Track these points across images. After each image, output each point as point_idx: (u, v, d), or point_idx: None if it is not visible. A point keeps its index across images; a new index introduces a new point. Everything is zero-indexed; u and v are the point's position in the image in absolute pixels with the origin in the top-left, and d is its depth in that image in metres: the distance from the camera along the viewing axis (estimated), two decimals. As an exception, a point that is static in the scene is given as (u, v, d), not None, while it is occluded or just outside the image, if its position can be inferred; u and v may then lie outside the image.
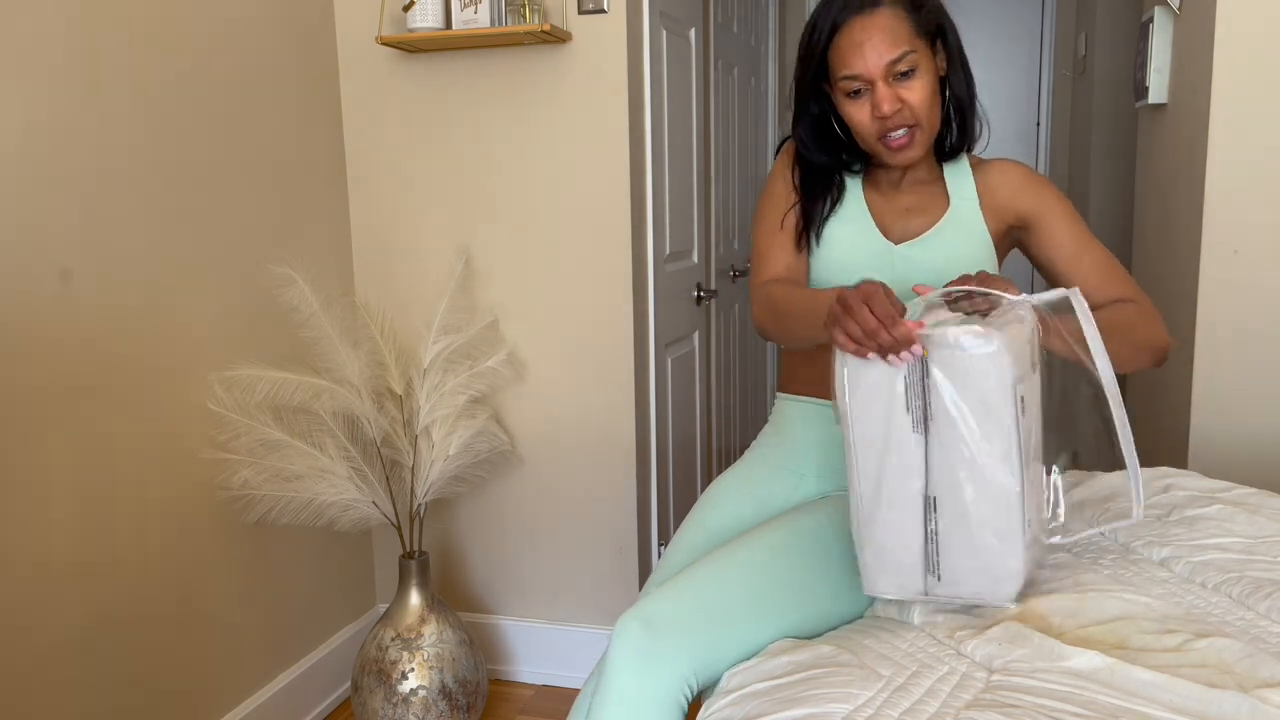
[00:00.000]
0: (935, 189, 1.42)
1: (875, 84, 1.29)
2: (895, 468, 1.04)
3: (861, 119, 1.32)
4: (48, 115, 1.56)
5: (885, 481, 1.05)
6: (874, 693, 0.99)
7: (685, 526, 1.45)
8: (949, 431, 1.00)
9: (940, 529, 1.03)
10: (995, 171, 1.42)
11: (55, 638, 1.59)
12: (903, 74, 1.28)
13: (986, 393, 0.98)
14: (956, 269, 1.31)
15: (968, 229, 1.38)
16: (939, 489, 1.02)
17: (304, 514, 1.96)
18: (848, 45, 1.29)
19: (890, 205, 1.43)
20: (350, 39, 2.28)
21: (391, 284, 2.36)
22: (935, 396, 1.00)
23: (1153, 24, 2.10)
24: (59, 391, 1.59)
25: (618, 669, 1.15)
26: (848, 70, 1.30)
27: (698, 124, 2.67)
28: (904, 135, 1.31)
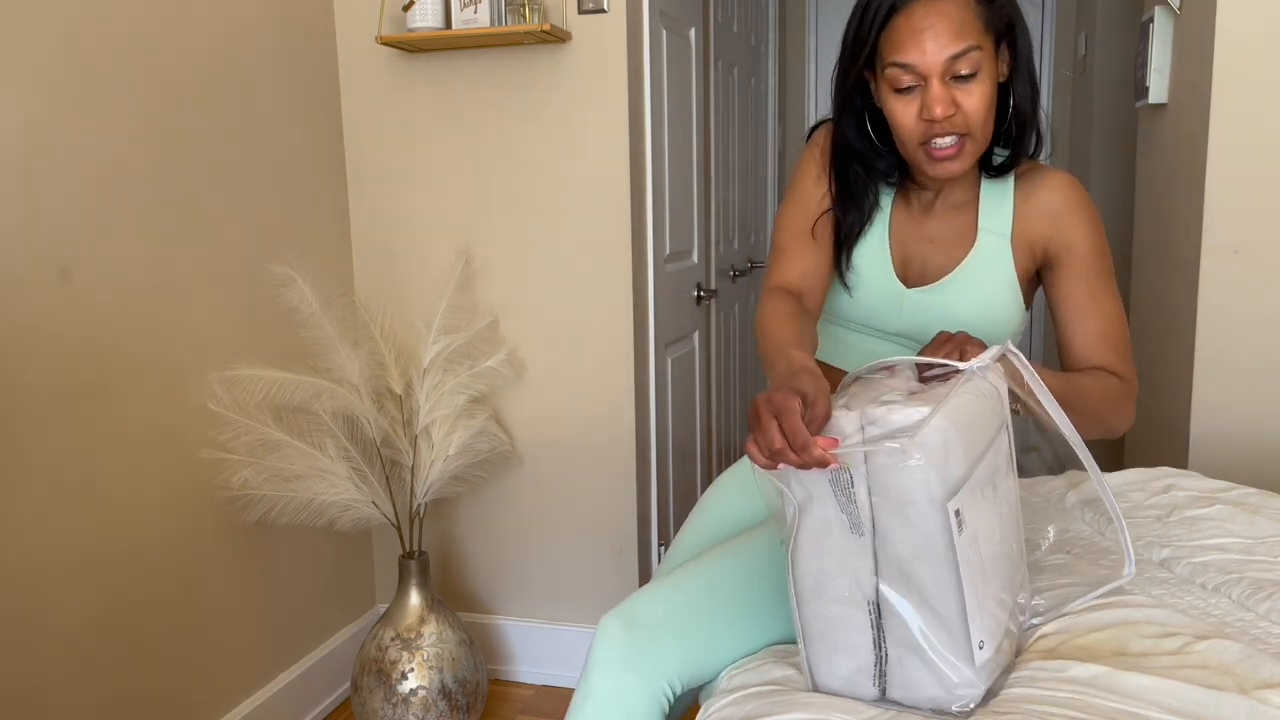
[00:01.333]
0: (967, 217, 1.28)
1: (929, 80, 1.13)
2: (835, 567, 0.93)
3: (906, 119, 1.17)
4: (48, 115, 1.56)
5: (827, 575, 0.93)
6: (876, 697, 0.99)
7: (684, 531, 1.44)
8: (883, 544, 0.90)
9: (887, 636, 0.92)
10: (1040, 192, 1.25)
11: (55, 637, 1.59)
12: (963, 75, 1.13)
13: (911, 514, 0.87)
14: (976, 317, 1.24)
15: (991, 273, 1.25)
16: (883, 596, 0.91)
17: (304, 514, 1.96)
18: (905, 30, 1.13)
19: (916, 233, 1.30)
20: (350, 39, 2.28)
21: (391, 284, 2.36)
22: (862, 507, 0.90)
23: (1153, 24, 2.10)
24: (59, 391, 1.58)
25: (597, 666, 1.14)
26: (900, 57, 1.13)
27: (698, 124, 2.67)
28: (952, 145, 1.16)
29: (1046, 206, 1.24)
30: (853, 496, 0.90)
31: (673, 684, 1.14)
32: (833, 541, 0.92)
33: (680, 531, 1.46)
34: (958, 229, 1.28)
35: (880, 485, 0.88)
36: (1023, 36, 1.19)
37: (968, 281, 1.25)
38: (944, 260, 1.28)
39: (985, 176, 1.28)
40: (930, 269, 1.28)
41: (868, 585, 0.92)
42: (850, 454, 0.89)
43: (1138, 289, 2.45)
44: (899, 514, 0.88)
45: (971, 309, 1.25)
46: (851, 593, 0.92)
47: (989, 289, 1.25)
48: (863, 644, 0.93)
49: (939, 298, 1.26)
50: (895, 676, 0.92)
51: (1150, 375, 2.27)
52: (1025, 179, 1.27)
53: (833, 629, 0.94)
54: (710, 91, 2.88)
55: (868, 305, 1.30)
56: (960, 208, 1.28)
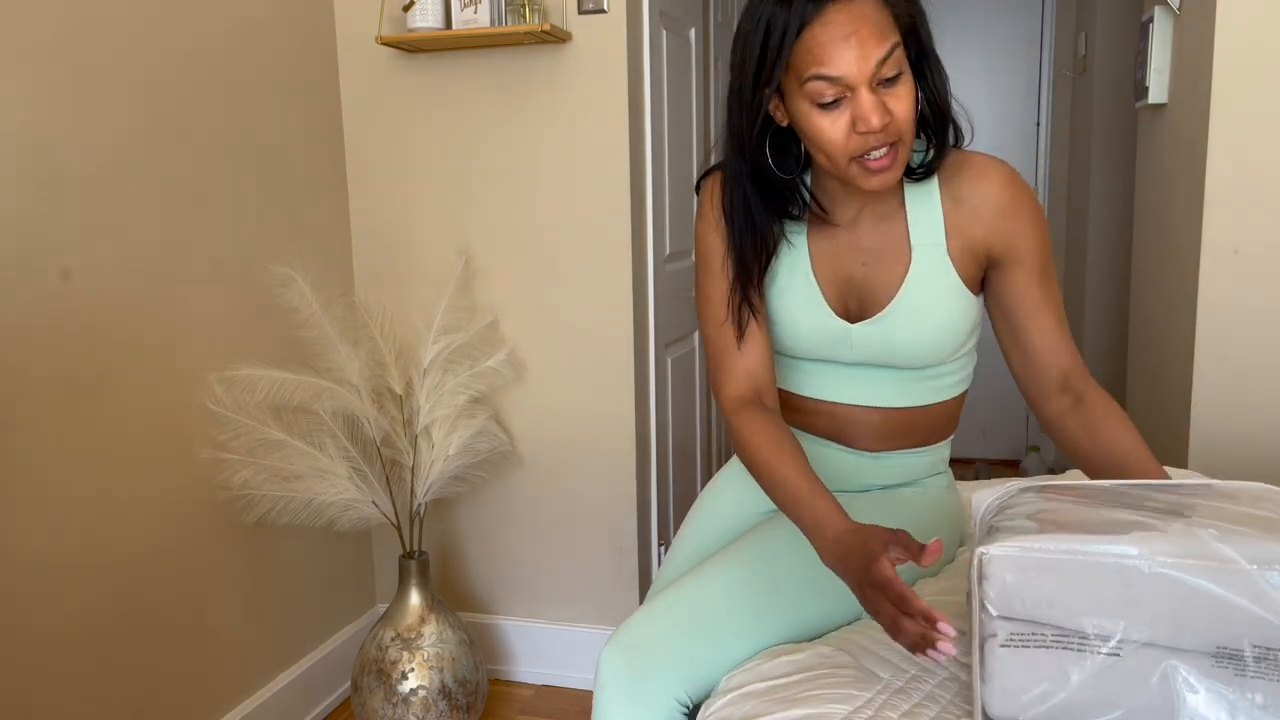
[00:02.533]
0: (897, 228, 1.19)
1: (858, 90, 1.03)
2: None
3: (835, 134, 1.06)
4: (48, 115, 1.56)
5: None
6: (872, 694, 0.99)
7: (677, 541, 1.44)
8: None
9: None
10: (973, 193, 1.16)
11: (54, 637, 1.59)
12: (889, 78, 1.04)
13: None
14: (927, 340, 1.18)
15: (934, 288, 1.17)
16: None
17: (304, 514, 1.96)
18: (826, 40, 1.02)
19: (846, 257, 1.21)
20: (350, 39, 2.28)
21: (391, 284, 2.36)
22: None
23: (1153, 24, 2.10)
24: (59, 390, 1.59)
25: (607, 700, 1.14)
26: (824, 69, 1.03)
27: (698, 124, 2.67)
28: (886, 154, 1.07)
29: (984, 208, 1.16)
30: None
31: (681, 698, 1.14)
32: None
33: (674, 541, 1.45)
34: (890, 244, 1.19)
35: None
36: (925, 28, 1.10)
37: (912, 304, 1.18)
38: (883, 281, 1.19)
39: (907, 180, 1.18)
40: (869, 296, 1.20)
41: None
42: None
43: (1137, 289, 2.45)
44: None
45: (923, 329, 1.18)
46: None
47: (936, 305, 1.18)
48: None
49: (885, 328, 1.19)
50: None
51: (1150, 375, 2.27)
52: (950, 177, 1.18)
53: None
54: (710, 91, 2.88)
55: (816, 343, 1.23)
56: (888, 218, 1.20)
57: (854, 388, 1.26)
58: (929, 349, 1.20)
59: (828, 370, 1.27)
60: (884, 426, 1.27)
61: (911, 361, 1.22)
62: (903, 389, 1.25)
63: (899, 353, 1.20)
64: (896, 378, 1.25)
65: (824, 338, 1.22)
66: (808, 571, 1.21)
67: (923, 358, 1.21)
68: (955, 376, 1.28)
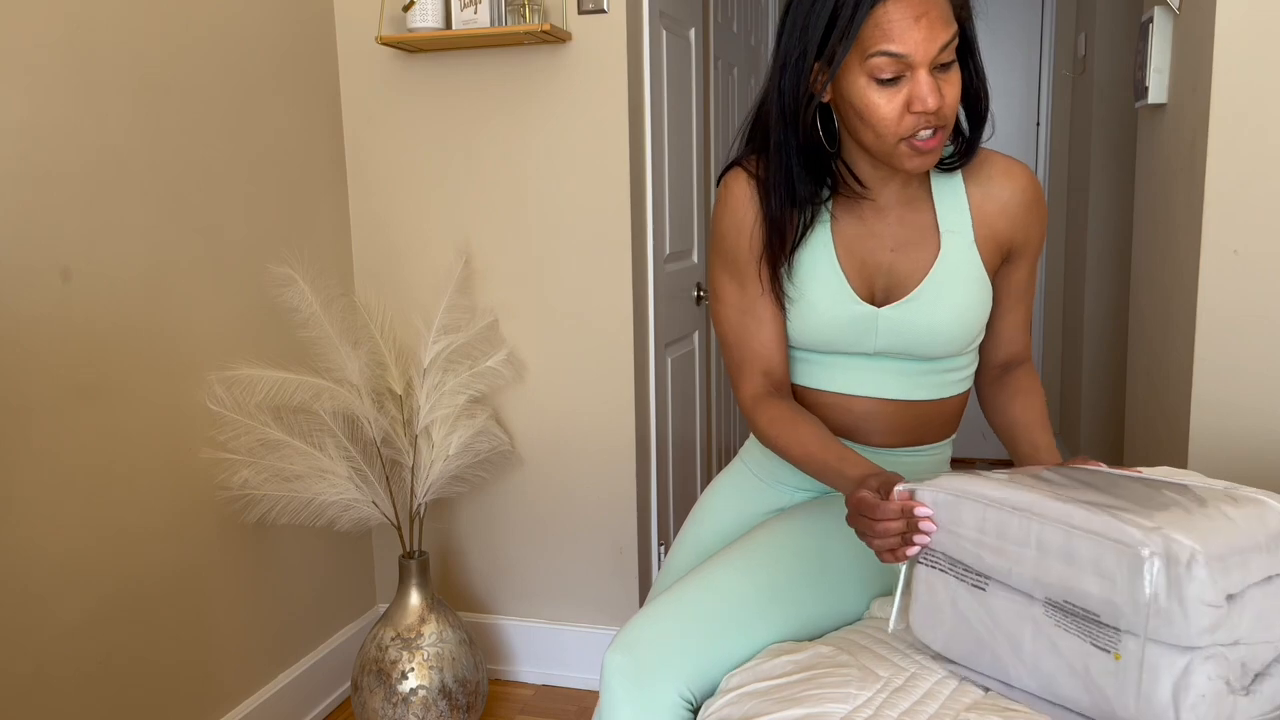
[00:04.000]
0: (924, 216, 1.22)
1: (917, 71, 1.07)
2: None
3: (890, 112, 1.09)
4: (48, 115, 1.56)
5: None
6: (872, 693, 0.99)
7: (677, 544, 1.44)
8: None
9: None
10: (996, 183, 1.22)
11: (54, 636, 1.59)
12: (945, 64, 1.08)
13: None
14: (954, 325, 1.21)
15: (961, 274, 1.21)
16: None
17: (304, 514, 1.96)
18: (900, 17, 1.05)
19: (872, 242, 1.23)
20: (350, 39, 2.28)
21: (391, 284, 2.36)
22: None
23: (1153, 24, 2.10)
24: (59, 391, 1.59)
25: (614, 702, 1.15)
26: (892, 46, 1.05)
27: (698, 124, 2.67)
28: (934, 136, 1.11)
29: (1010, 207, 1.22)
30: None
31: (686, 695, 1.14)
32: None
33: (675, 542, 1.45)
34: (918, 231, 1.22)
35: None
36: (971, 23, 1.14)
37: (939, 289, 1.21)
38: (909, 268, 1.22)
39: (934, 170, 1.23)
40: (896, 281, 1.23)
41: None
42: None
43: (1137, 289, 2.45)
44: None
45: (948, 316, 1.21)
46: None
47: (962, 293, 1.21)
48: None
49: (913, 312, 1.21)
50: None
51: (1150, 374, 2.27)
52: (975, 173, 1.23)
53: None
54: (710, 91, 2.88)
55: (835, 334, 1.25)
56: (915, 205, 1.23)
57: (869, 381, 1.28)
58: (952, 335, 1.22)
59: (843, 362, 1.28)
60: (896, 421, 1.29)
61: (932, 350, 1.23)
62: (917, 381, 1.27)
63: (922, 339, 1.22)
64: (912, 370, 1.26)
65: (847, 324, 1.23)
66: (809, 571, 1.21)
67: (944, 345, 1.23)
68: (963, 372, 1.30)
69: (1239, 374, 1.88)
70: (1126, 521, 0.80)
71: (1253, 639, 0.79)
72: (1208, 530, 0.78)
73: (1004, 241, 1.24)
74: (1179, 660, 0.76)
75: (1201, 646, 0.76)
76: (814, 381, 1.31)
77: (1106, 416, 3.40)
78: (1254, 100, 1.81)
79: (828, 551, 1.24)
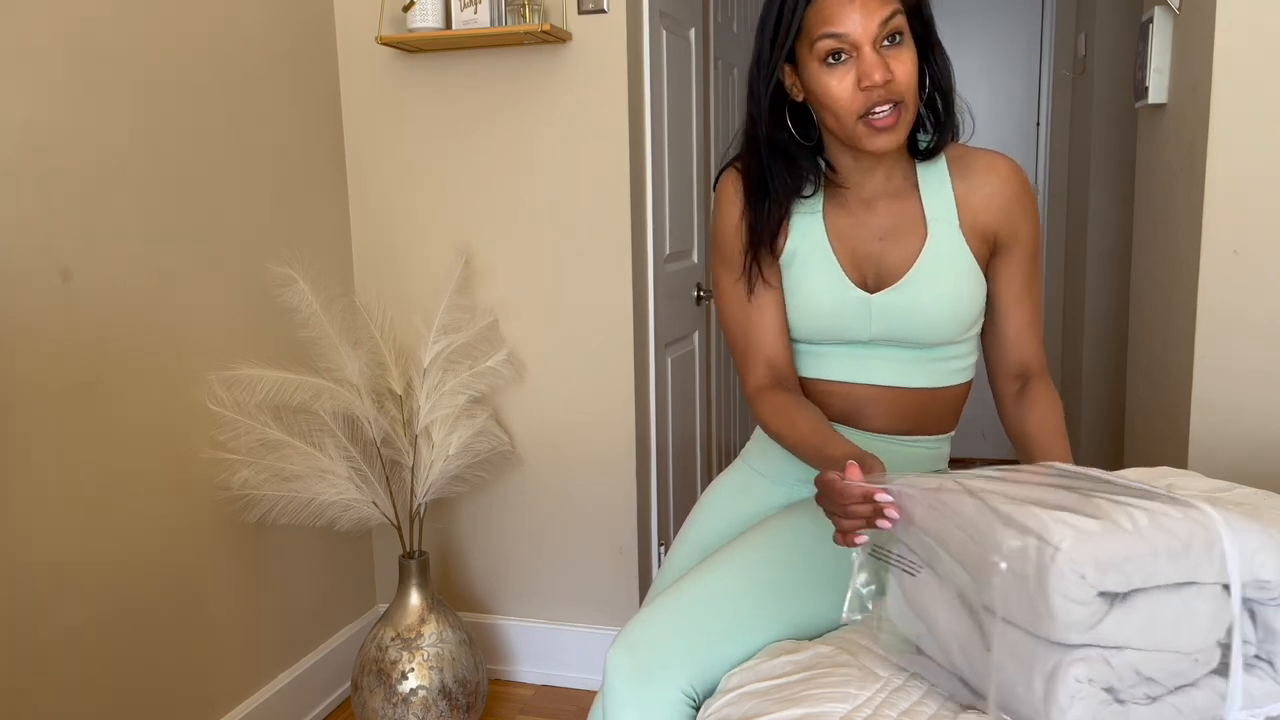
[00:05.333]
0: (910, 205, 1.27)
1: (861, 49, 1.13)
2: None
3: (842, 91, 1.15)
4: (48, 115, 1.56)
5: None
6: (872, 693, 0.99)
7: (677, 543, 1.44)
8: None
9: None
10: (984, 181, 1.26)
11: (55, 637, 1.59)
12: (890, 39, 1.14)
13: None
14: (946, 310, 1.24)
15: (950, 260, 1.25)
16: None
17: (304, 514, 1.96)
18: (835, 2, 1.13)
19: (862, 233, 1.27)
20: (350, 39, 2.28)
21: (391, 284, 2.36)
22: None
23: (1152, 24, 2.10)
24: (59, 390, 1.59)
25: (616, 700, 1.15)
26: (832, 28, 1.13)
27: (698, 124, 2.67)
28: (890, 112, 1.14)
29: (995, 196, 1.25)
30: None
31: (690, 694, 1.15)
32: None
33: (675, 541, 1.46)
34: (905, 221, 1.26)
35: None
36: (928, 10, 1.20)
37: (929, 274, 1.24)
38: (898, 256, 1.26)
39: (917, 161, 1.27)
40: (886, 268, 1.26)
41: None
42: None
43: (1137, 289, 2.45)
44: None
45: (940, 301, 1.24)
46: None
47: (951, 276, 1.24)
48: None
49: (905, 296, 1.24)
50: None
51: (1150, 374, 2.27)
52: (959, 162, 1.27)
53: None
54: (710, 91, 2.88)
55: (833, 322, 1.28)
56: (901, 196, 1.27)
57: (868, 368, 1.30)
58: (945, 320, 1.24)
59: (843, 351, 1.31)
60: (895, 407, 1.30)
61: (927, 335, 1.25)
62: (916, 369, 1.29)
63: (916, 323, 1.25)
64: (908, 357, 1.28)
65: (843, 311, 1.26)
66: (810, 569, 1.22)
67: (938, 330, 1.25)
68: (962, 362, 1.32)
69: (1239, 374, 1.88)
70: (1014, 524, 0.81)
71: (1151, 646, 0.78)
72: (1096, 532, 0.77)
73: (990, 232, 1.26)
74: (1050, 658, 0.77)
75: (1073, 645, 0.77)
76: (815, 371, 1.33)
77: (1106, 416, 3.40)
78: (1254, 100, 1.81)
79: (828, 550, 1.24)
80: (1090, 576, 0.75)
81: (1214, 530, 0.79)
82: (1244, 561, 0.80)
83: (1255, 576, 0.80)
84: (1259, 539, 0.81)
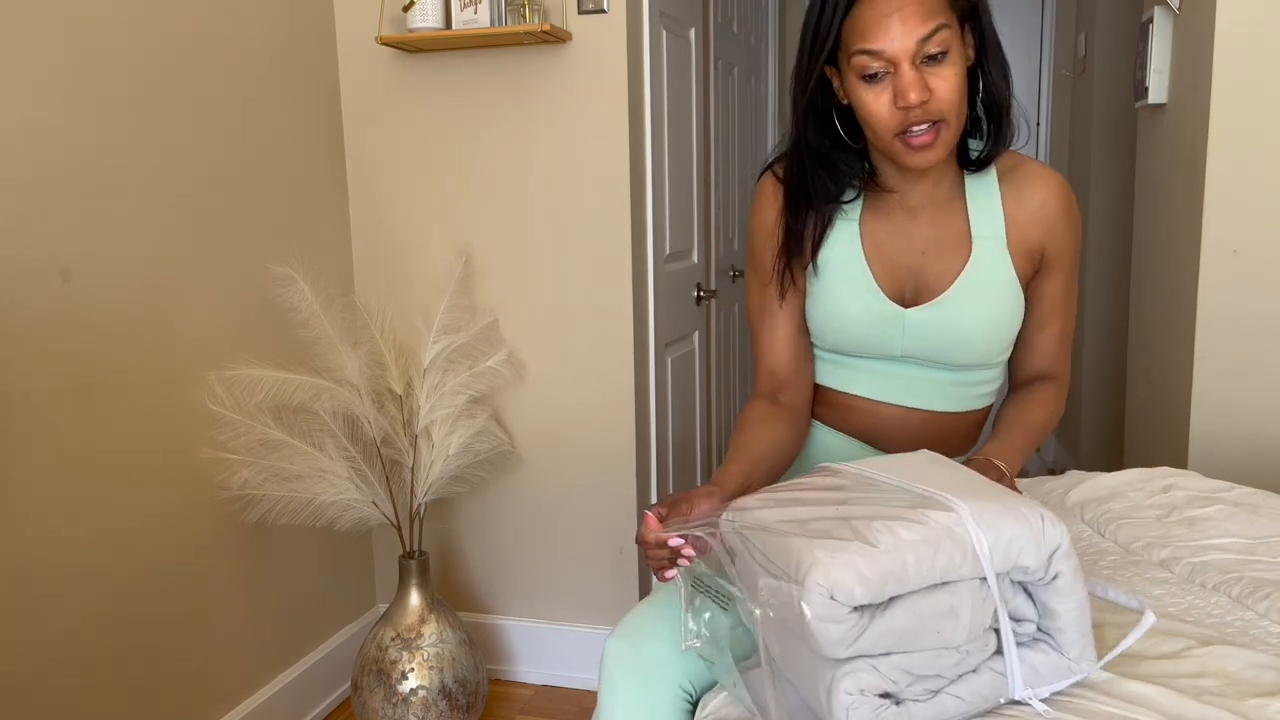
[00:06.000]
0: (956, 218, 1.22)
1: (900, 65, 1.08)
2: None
3: (879, 108, 1.11)
4: (48, 115, 1.56)
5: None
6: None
7: None
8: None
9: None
10: (1034, 195, 1.21)
11: (54, 636, 1.59)
12: (932, 56, 1.08)
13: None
14: (981, 332, 1.21)
15: (993, 280, 1.20)
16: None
17: (304, 514, 1.96)
18: (872, 15, 1.08)
19: (902, 243, 1.23)
20: (350, 39, 2.28)
21: (391, 284, 2.36)
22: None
23: (1153, 24, 2.10)
24: (59, 391, 1.59)
25: (614, 690, 1.15)
26: (869, 44, 1.08)
27: (698, 124, 2.67)
28: (928, 131, 1.10)
29: (1043, 211, 1.21)
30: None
31: (686, 688, 1.14)
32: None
33: None
34: (950, 234, 1.22)
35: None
36: (986, 16, 1.14)
37: (969, 293, 1.20)
38: (941, 269, 1.22)
39: (966, 172, 1.23)
40: (926, 282, 1.23)
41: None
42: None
43: (1137, 289, 2.45)
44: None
45: (977, 321, 1.21)
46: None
47: (993, 296, 1.21)
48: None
49: (942, 314, 1.21)
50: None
51: (1150, 375, 2.27)
52: (1010, 174, 1.23)
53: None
54: (710, 91, 2.88)
55: (863, 334, 1.25)
56: (947, 208, 1.23)
57: (894, 388, 1.28)
58: (980, 341, 1.22)
59: (870, 366, 1.29)
60: (919, 430, 1.29)
61: (959, 356, 1.23)
62: (944, 391, 1.27)
63: (948, 343, 1.22)
64: (938, 379, 1.26)
65: (874, 323, 1.23)
66: None
67: (971, 351, 1.23)
68: (989, 387, 1.31)
69: (1239, 374, 1.88)
70: (771, 564, 0.87)
71: (917, 647, 0.83)
72: (844, 555, 0.81)
73: (1036, 249, 1.22)
74: (829, 673, 0.82)
75: (842, 660, 0.82)
76: (838, 383, 1.32)
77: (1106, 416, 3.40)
78: (1254, 100, 1.81)
79: None
80: (840, 596, 0.79)
81: (964, 528, 0.83)
82: (1002, 551, 0.83)
83: (1016, 564, 0.84)
84: (1014, 528, 0.84)
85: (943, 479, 0.94)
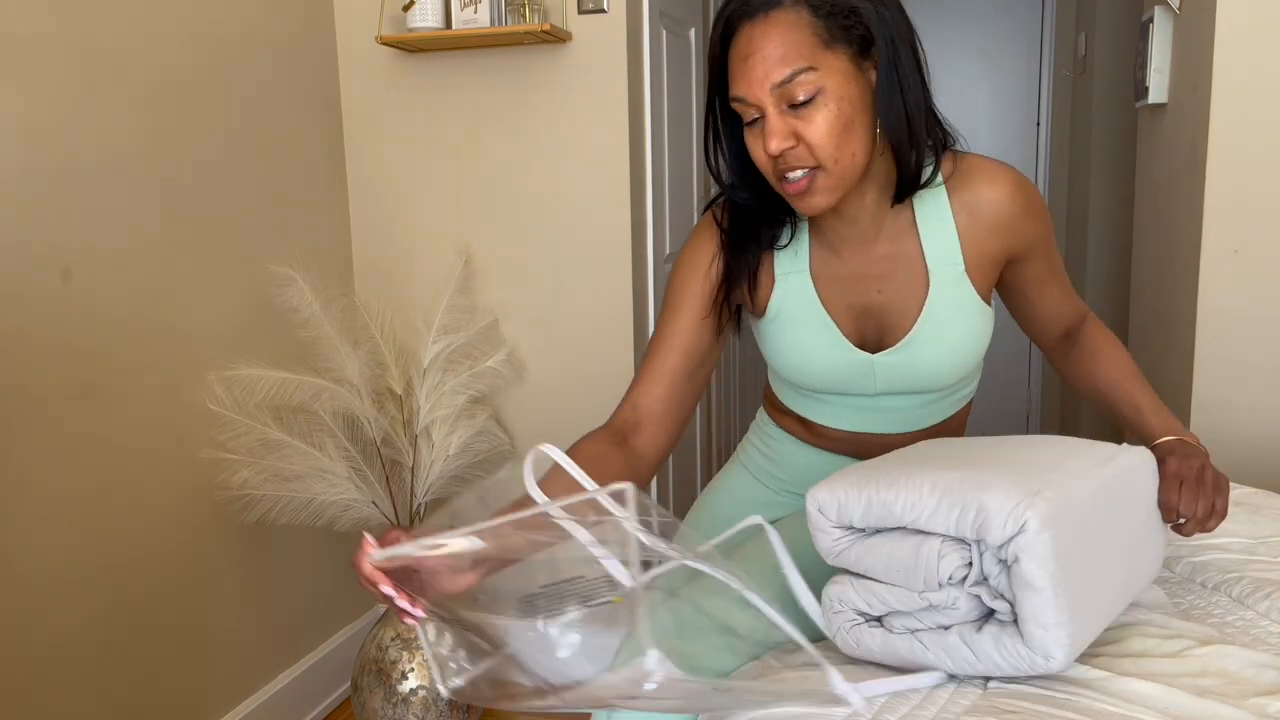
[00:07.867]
0: (909, 248, 1.14)
1: (765, 110, 1.00)
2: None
3: (757, 154, 1.05)
4: (48, 114, 1.56)
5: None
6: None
7: None
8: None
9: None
10: (983, 199, 1.12)
11: (55, 638, 1.59)
12: (799, 102, 0.99)
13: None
14: (951, 363, 1.17)
15: (956, 311, 1.15)
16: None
17: (304, 514, 1.96)
18: (735, 58, 1.01)
19: (858, 284, 1.16)
20: (350, 39, 2.28)
21: (391, 284, 2.36)
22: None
23: (1153, 24, 2.10)
24: (59, 391, 1.58)
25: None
26: (733, 89, 1.02)
27: (698, 124, 2.67)
28: (803, 178, 1.02)
29: (999, 220, 1.13)
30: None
31: None
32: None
33: None
34: (904, 267, 1.15)
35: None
36: (884, 39, 1.01)
37: (934, 331, 1.15)
38: (901, 307, 1.16)
39: (914, 196, 1.14)
40: (887, 324, 1.17)
41: None
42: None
43: (1138, 289, 2.45)
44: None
45: (944, 355, 1.17)
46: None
47: (958, 327, 1.16)
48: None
49: (910, 355, 1.17)
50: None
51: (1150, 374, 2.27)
52: (959, 187, 1.12)
53: None
54: (710, 91, 2.88)
55: (837, 380, 1.21)
56: (898, 239, 1.15)
57: (876, 419, 1.26)
58: (952, 370, 1.19)
59: (848, 402, 1.25)
60: (905, 445, 1.27)
61: (935, 384, 1.21)
62: (925, 410, 1.25)
63: (922, 378, 1.19)
64: (916, 402, 1.24)
65: (844, 371, 1.19)
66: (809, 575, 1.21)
67: (946, 380, 1.21)
68: (969, 386, 1.29)
69: (1239, 373, 1.88)
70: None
71: (887, 579, 0.95)
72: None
73: (1000, 257, 1.16)
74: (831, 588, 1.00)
75: (837, 571, 1.00)
76: (823, 419, 1.29)
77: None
78: (1254, 100, 1.81)
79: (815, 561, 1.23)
80: (830, 510, 1.00)
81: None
82: (970, 522, 0.90)
83: (980, 537, 0.89)
84: (984, 499, 0.90)
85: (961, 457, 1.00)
